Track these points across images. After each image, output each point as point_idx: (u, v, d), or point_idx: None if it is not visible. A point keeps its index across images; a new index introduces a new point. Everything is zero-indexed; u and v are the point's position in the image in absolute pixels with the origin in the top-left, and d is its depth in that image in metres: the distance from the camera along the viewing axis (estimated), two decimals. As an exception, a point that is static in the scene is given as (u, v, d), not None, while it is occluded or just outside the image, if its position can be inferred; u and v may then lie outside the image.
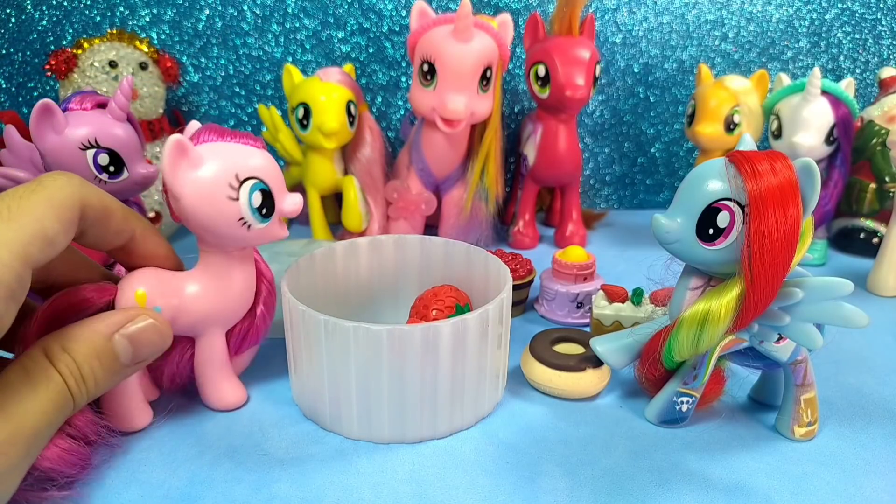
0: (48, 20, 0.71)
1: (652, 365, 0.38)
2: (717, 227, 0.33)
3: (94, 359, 0.30)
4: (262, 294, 0.40)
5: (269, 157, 0.36)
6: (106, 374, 0.31)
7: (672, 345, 0.36)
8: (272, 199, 0.36)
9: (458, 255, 0.47)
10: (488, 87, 0.60)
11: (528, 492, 0.33)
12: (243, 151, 0.35)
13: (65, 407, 0.29)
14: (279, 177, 0.36)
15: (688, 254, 0.34)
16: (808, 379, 0.37)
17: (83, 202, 0.30)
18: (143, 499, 0.32)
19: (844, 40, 0.81)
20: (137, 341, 0.32)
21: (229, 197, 0.34)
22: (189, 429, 0.38)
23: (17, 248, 0.26)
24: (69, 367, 0.29)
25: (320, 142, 0.62)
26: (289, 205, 0.37)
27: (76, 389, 0.29)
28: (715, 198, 0.33)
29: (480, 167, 0.64)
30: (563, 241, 0.70)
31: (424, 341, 0.35)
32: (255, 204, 0.35)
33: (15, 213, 0.27)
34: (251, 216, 0.35)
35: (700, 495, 0.33)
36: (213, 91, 0.76)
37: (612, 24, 0.78)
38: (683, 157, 0.85)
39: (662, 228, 0.34)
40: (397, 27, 0.75)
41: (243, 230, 0.35)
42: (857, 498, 0.33)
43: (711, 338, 0.34)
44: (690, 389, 0.37)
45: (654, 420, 0.39)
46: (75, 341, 0.30)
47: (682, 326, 0.35)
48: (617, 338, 0.40)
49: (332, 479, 0.34)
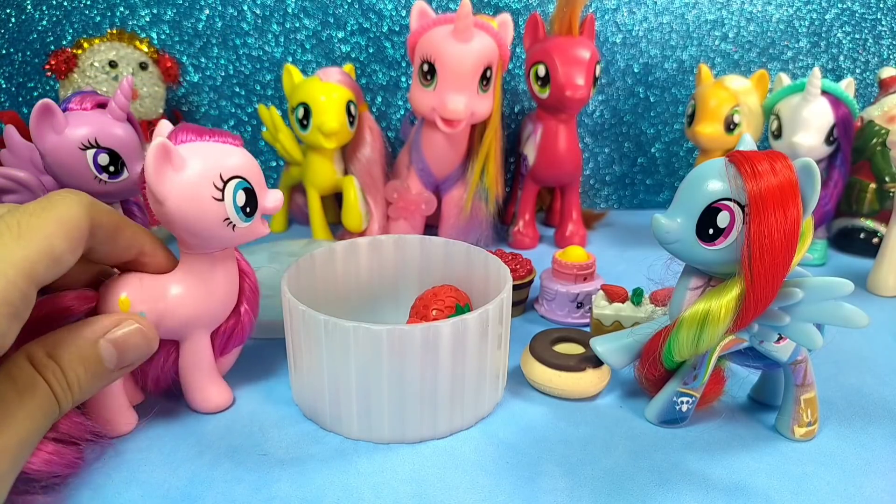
0: (48, 20, 0.71)
1: (652, 365, 0.38)
2: (717, 227, 0.33)
3: (80, 364, 0.30)
4: (245, 293, 0.40)
5: (249, 155, 0.36)
6: (91, 379, 0.30)
7: (672, 345, 0.36)
8: (255, 197, 0.35)
9: (458, 255, 0.47)
10: (488, 87, 0.60)
11: (528, 492, 0.33)
12: (224, 150, 0.35)
13: (51, 414, 0.29)
14: (260, 174, 0.36)
15: (688, 254, 0.34)
16: (809, 379, 0.37)
17: (92, 222, 0.30)
18: (143, 499, 0.32)
19: (844, 40, 0.81)
20: (123, 346, 0.32)
21: (214, 198, 0.34)
22: (189, 429, 0.38)
23: (24, 265, 0.26)
24: (55, 373, 0.29)
25: (320, 142, 0.62)
26: (271, 202, 0.36)
27: (62, 396, 0.29)
28: (715, 198, 0.33)
29: (480, 167, 0.64)
30: (563, 241, 0.70)
31: (424, 341, 0.35)
32: (239, 203, 0.34)
33: (25, 230, 0.27)
34: (236, 216, 0.35)
35: (700, 495, 0.33)
36: (213, 91, 0.76)
37: (612, 24, 0.78)
38: (683, 157, 0.85)
39: (662, 228, 0.34)
40: (397, 27, 0.75)
41: (228, 230, 0.35)
42: (857, 498, 0.33)
43: (711, 338, 0.34)
44: (690, 389, 0.37)
45: (654, 420, 0.39)
46: (60, 347, 0.30)
47: (682, 326, 0.35)
48: (617, 338, 0.40)
49: (332, 479, 0.34)
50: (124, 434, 0.37)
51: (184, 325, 0.37)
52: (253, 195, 0.35)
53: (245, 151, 0.36)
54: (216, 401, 0.39)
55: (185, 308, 0.36)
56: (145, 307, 0.35)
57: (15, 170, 0.45)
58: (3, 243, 0.26)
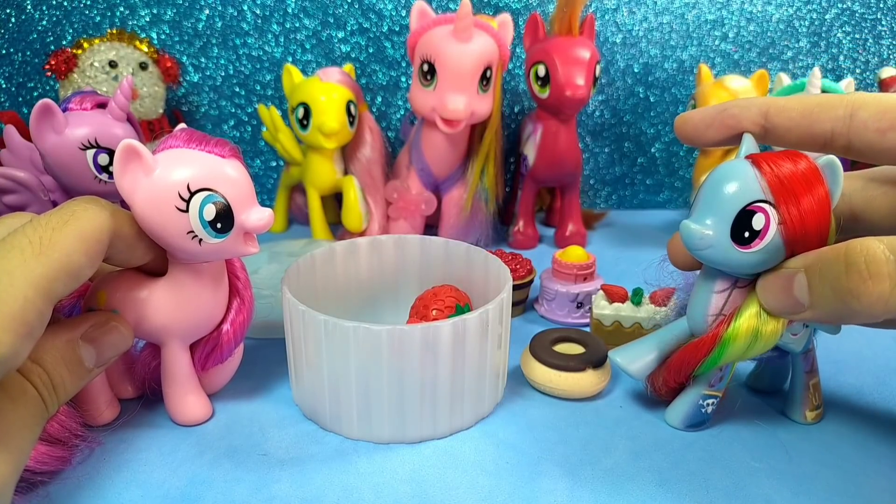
0: (48, 20, 0.71)
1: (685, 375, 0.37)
2: (752, 230, 0.32)
3: (63, 367, 0.30)
4: (230, 312, 0.38)
5: (238, 168, 0.34)
6: (74, 379, 0.31)
7: (719, 357, 0.35)
8: (230, 213, 0.33)
9: (458, 255, 0.47)
10: (488, 87, 0.60)
11: (528, 492, 0.33)
12: (204, 161, 0.33)
13: (41, 418, 0.29)
14: (245, 190, 0.34)
15: (721, 258, 0.33)
16: (815, 365, 0.38)
17: (113, 233, 0.30)
18: (143, 499, 0.32)
19: (844, 40, 0.81)
20: (100, 344, 0.32)
21: (178, 208, 0.32)
22: (189, 429, 0.38)
23: (43, 284, 0.26)
24: (41, 377, 0.29)
25: (320, 142, 0.62)
26: (254, 220, 0.34)
27: (49, 399, 0.29)
28: (749, 200, 0.32)
29: (480, 167, 0.64)
30: (563, 241, 0.70)
31: (424, 341, 0.35)
32: (207, 217, 0.32)
33: (46, 246, 0.27)
34: (202, 230, 0.33)
35: (700, 495, 0.33)
36: (213, 91, 0.76)
37: (612, 24, 0.78)
38: (683, 157, 0.85)
39: (696, 235, 0.33)
40: (397, 27, 0.75)
41: (194, 244, 0.33)
42: (857, 498, 0.33)
43: (766, 345, 0.34)
44: (716, 391, 0.37)
45: (679, 425, 0.38)
46: (43, 351, 0.30)
47: (733, 340, 0.34)
48: (635, 348, 0.40)
49: (332, 479, 0.34)
50: (105, 423, 0.37)
51: (158, 331, 0.36)
52: (227, 211, 0.33)
53: (234, 164, 0.34)
54: (192, 413, 0.38)
55: (160, 314, 0.35)
56: (121, 306, 0.35)
57: (15, 170, 0.45)
58: (24, 260, 0.26)
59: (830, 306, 0.30)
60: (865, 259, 0.28)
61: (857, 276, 0.28)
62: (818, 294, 0.30)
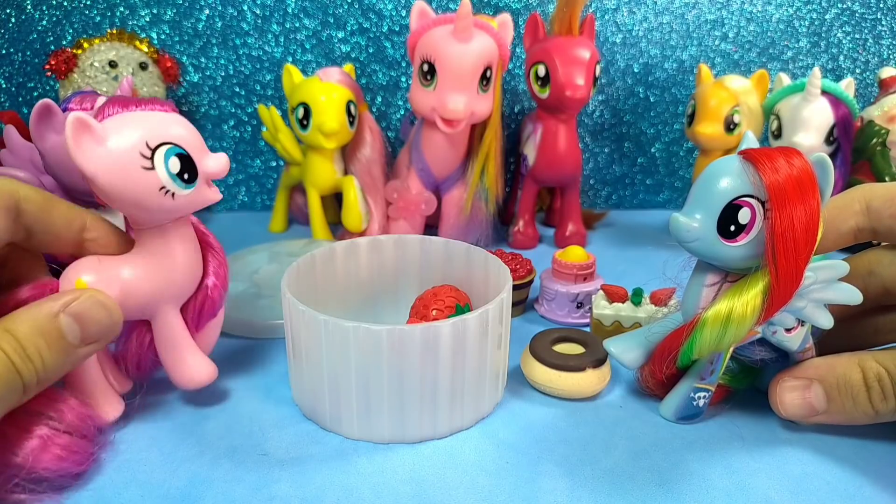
0: (48, 20, 0.71)
1: (666, 365, 0.38)
2: (738, 224, 0.33)
3: (39, 337, 0.30)
4: (210, 264, 0.38)
5: (182, 120, 0.34)
6: (54, 353, 0.30)
7: (693, 344, 0.35)
8: (192, 162, 0.34)
9: (458, 255, 0.47)
10: (488, 87, 0.60)
11: (528, 492, 0.33)
12: (151, 118, 0.33)
13: (12, 383, 0.29)
14: (196, 138, 0.34)
15: (708, 251, 0.34)
16: None
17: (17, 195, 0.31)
18: (143, 499, 0.32)
19: (844, 40, 0.81)
20: (83, 318, 0.32)
21: (144, 167, 0.32)
22: (189, 429, 0.38)
23: None
24: (10, 344, 0.29)
25: (320, 142, 0.62)
26: (213, 165, 0.35)
27: (22, 366, 0.29)
28: (735, 194, 0.33)
29: (480, 167, 0.64)
30: (563, 241, 0.70)
31: (424, 341, 0.35)
32: (173, 170, 0.33)
33: None
34: (172, 183, 0.33)
35: (700, 495, 0.33)
36: (213, 91, 0.76)
37: (612, 24, 0.78)
38: (683, 157, 0.85)
39: (683, 228, 0.34)
40: (397, 27, 0.75)
41: (168, 199, 0.33)
42: (857, 498, 0.33)
43: (737, 335, 0.34)
44: (707, 384, 0.37)
45: (671, 417, 0.39)
46: (16, 322, 0.30)
47: (704, 326, 0.34)
48: (630, 338, 0.40)
49: (332, 479, 0.34)
50: (110, 421, 0.37)
51: (148, 303, 0.36)
52: (189, 160, 0.34)
53: (178, 117, 0.34)
54: (197, 375, 0.38)
55: (146, 285, 0.35)
56: (103, 288, 0.34)
57: (15, 170, 0.45)
58: None
59: (849, 415, 0.36)
60: (881, 384, 0.35)
61: (877, 397, 0.35)
62: (838, 406, 0.36)
